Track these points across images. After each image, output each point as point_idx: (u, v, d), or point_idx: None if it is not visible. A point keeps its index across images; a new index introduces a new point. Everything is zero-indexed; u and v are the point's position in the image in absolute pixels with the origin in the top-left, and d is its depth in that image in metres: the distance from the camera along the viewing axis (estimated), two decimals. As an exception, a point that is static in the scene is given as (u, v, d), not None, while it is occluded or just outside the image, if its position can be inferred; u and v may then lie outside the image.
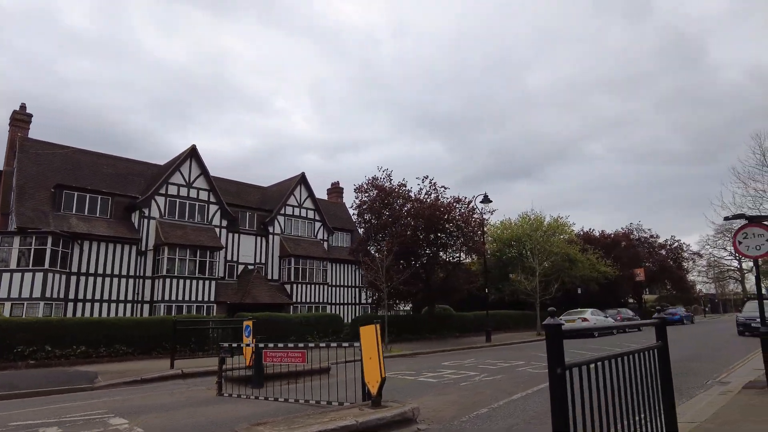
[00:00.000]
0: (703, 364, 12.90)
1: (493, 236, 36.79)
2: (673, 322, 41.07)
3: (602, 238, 44.46)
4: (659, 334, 4.52)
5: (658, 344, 4.46)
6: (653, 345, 4.43)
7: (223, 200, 29.80)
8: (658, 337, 4.52)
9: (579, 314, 26.55)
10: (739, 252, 9.18)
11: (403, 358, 16.89)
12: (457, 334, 26.48)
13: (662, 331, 4.52)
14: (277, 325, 19.74)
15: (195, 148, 29.11)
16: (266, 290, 29.06)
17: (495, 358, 14.95)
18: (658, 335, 4.53)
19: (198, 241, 27.33)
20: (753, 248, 9.06)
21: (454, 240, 24.60)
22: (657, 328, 4.55)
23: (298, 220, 33.47)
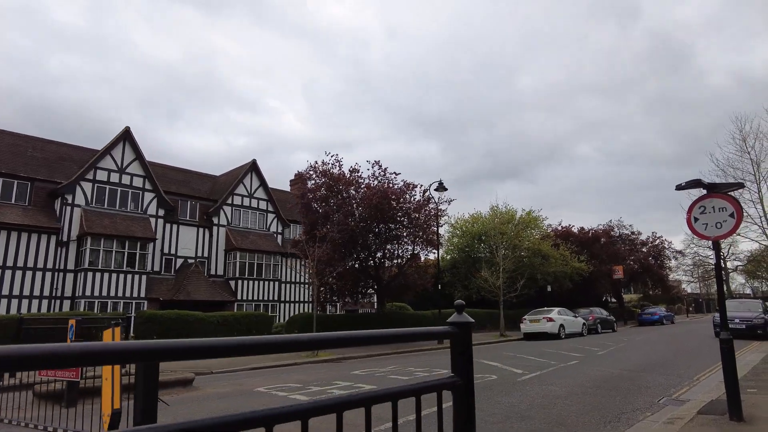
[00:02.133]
0: (661, 375, 10.64)
1: (461, 230, 34.53)
2: (653, 322, 39.12)
3: (580, 233, 42.36)
4: (457, 361, 2.13)
5: (451, 381, 2.10)
6: (440, 381, 2.08)
7: (160, 188, 27.22)
8: (455, 367, 2.14)
9: (544, 314, 24.31)
10: (694, 231, 6.89)
11: (320, 365, 14.49)
12: (411, 335, 24.13)
13: (462, 355, 2.12)
14: (188, 325, 17.27)
15: (129, 130, 26.51)
16: (205, 286, 26.55)
17: (420, 365, 12.61)
18: (454, 364, 2.14)
19: (127, 232, 24.75)
20: (712, 226, 6.76)
21: (406, 231, 22.22)
22: (453, 345, 2.14)
23: (247, 211, 30.93)
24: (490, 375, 10.55)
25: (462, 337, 2.17)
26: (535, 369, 11.50)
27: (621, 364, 12.75)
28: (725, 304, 6.56)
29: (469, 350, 2.18)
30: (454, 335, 2.16)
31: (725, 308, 6.58)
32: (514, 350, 17.28)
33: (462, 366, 2.14)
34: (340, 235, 19.51)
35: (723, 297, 6.54)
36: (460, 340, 2.16)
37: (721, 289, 6.57)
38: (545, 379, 9.89)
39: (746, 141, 21.99)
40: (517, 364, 12.63)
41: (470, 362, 2.17)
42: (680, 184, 6.89)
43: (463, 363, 2.15)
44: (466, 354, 2.16)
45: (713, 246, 6.78)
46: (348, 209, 20.45)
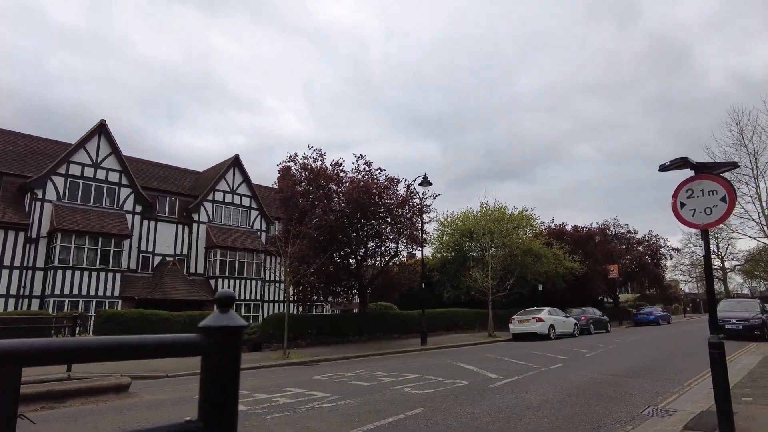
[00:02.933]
0: (649, 381, 9.71)
1: (452, 227, 33.57)
2: (648, 322, 38.19)
3: (575, 232, 41.38)
4: (208, 394, 1.21)
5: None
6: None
7: (137, 183, 26.25)
8: (204, 405, 1.22)
9: (533, 313, 23.39)
10: (680, 218, 5.96)
11: (289, 368, 13.54)
12: (395, 335, 23.19)
13: (219, 382, 1.19)
14: (153, 325, 16.30)
15: (104, 123, 25.53)
16: (182, 285, 25.58)
17: (392, 369, 11.66)
18: (204, 398, 1.21)
19: (101, 228, 23.78)
20: (701, 212, 5.84)
21: (389, 228, 21.26)
22: (205, 367, 1.21)
23: (229, 208, 29.97)
24: (460, 380, 9.61)
25: (220, 354, 1.21)
26: (513, 373, 10.57)
27: (608, 367, 11.83)
28: (716, 303, 5.63)
29: (234, 375, 1.23)
30: (207, 349, 1.20)
31: (715, 306, 5.65)
32: (498, 352, 16.35)
33: (217, 403, 1.19)
34: (318, 232, 18.55)
35: (713, 294, 5.61)
36: (217, 357, 1.20)
37: (711, 285, 5.64)
38: (520, 386, 8.95)
39: (744, 134, 21.12)
40: (496, 367, 11.69)
41: (233, 396, 1.22)
42: (664, 164, 5.96)
43: (218, 398, 1.20)
44: (226, 381, 1.21)
45: (702, 235, 5.84)
46: (328, 204, 19.48)
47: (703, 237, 5.83)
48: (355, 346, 19.56)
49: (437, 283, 32.58)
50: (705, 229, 5.81)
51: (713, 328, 5.67)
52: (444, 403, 7.42)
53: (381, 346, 19.50)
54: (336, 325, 21.37)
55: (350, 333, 21.46)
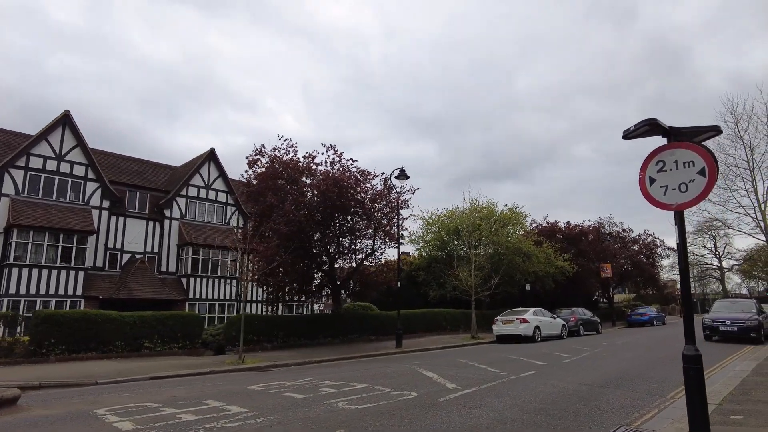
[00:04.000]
0: (628, 392, 8.51)
1: (438, 225, 32.32)
2: (642, 323, 36.96)
3: (567, 229, 40.10)
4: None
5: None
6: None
7: (104, 177, 25.00)
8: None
9: (518, 314, 22.17)
10: (649, 198, 4.77)
11: (236, 374, 12.30)
12: (372, 337, 21.97)
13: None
14: (97, 327, 15.03)
15: (68, 114, 24.26)
16: (150, 284, 24.32)
17: (339, 379, 10.42)
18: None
19: (63, 224, 22.53)
20: (674, 189, 4.63)
21: (363, 224, 20.04)
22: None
23: (204, 204, 28.72)
24: (410, 392, 8.39)
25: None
26: (475, 383, 9.35)
27: (586, 375, 10.61)
28: (691, 302, 4.42)
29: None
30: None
31: (692, 307, 4.44)
32: (472, 356, 15.13)
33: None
34: (287, 227, 17.31)
35: (688, 292, 4.40)
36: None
37: (686, 279, 4.44)
38: (476, 399, 7.74)
39: (739, 124, 19.91)
40: (459, 375, 10.47)
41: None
42: (628, 129, 4.75)
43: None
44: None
45: (675, 219, 4.63)
46: (300, 199, 18.21)
47: (677, 221, 4.61)
48: (325, 349, 18.33)
49: (423, 282, 31.37)
50: (679, 211, 4.60)
51: (689, 335, 4.45)
52: (373, 422, 6.20)
53: (352, 349, 18.27)
54: (308, 327, 20.13)
55: (323, 335, 20.23)
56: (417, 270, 32.14)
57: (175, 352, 16.27)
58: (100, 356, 14.67)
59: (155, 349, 15.84)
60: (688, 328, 4.42)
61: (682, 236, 4.53)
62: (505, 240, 30.31)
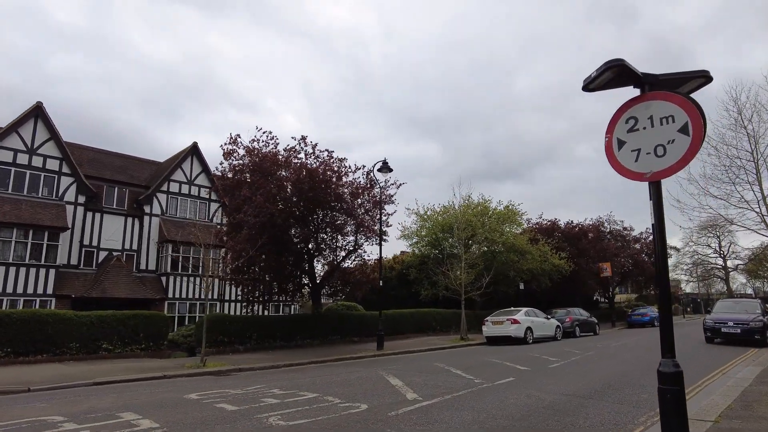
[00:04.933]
0: (613, 404, 7.43)
1: (432, 221, 31.21)
2: (643, 323, 35.72)
3: (567, 228, 38.93)
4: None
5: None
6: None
7: (79, 171, 24.04)
8: None
9: (508, 315, 21.07)
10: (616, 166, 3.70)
11: (191, 379, 11.26)
12: (355, 339, 20.91)
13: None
14: (47, 327, 14.02)
15: (41, 105, 23.32)
16: (126, 282, 23.35)
17: (293, 387, 9.38)
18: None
19: (33, 220, 21.58)
20: (649, 153, 3.55)
21: (343, 219, 18.99)
22: None
23: (186, 200, 27.72)
24: (361, 404, 7.34)
25: None
26: (440, 392, 8.29)
27: (569, 383, 9.53)
28: (670, 299, 3.34)
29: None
30: None
31: (669, 309, 3.36)
32: (452, 360, 14.06)
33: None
34: (255, 219, 16.29)
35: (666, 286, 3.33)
36: None
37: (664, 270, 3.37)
38: (432, 415, 6.67)
39: (742, 113, 18.71)
40: (427, 383, 9.41)
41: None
42: (589, 76, 3.68)
43: None
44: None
45: (651, 192, 3.55)
46: (272, 191, 17.14)
47: (653, 194, 3.53)
48: (301, 351, 17.28)
49: (414, 280, 30.30)
50: (655, 182, 3.52)
51: (667, 345, 3.38)
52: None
53: (330, 351, 17.21)
54: (285, 328, 19.08)
55: (301, 337, 19.18)
56: (409, 268, 31.08)
57: (137, 354, 15.28)
58: (51, 359, 13.69)
59: (114, 351, 14.85)
60: (666, 335, 3.34)
61: (658, 215, 3.45)
62: (500, 238, 29.23)
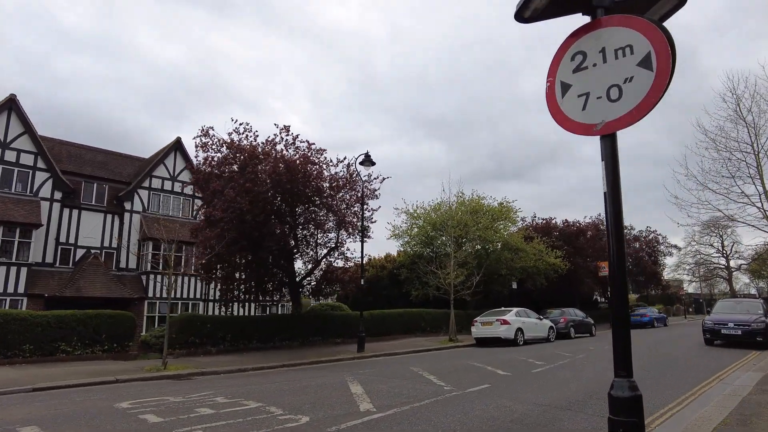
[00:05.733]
0: (588, 417, 6.54)
1: (423, 218, 30.30)
2: (642, 324, 34.66)
3: (565, 227, 37.93)
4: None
5: None
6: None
7: (56, 166, 23.24)
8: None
9: (498, 315, 20.18)
10: (559, 118, 2.78)
11: (146, 383, 10.39)
12: (338, 340, 20.03)
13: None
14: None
15: (14, 98, 22.54)
16: (103, 281, 22.53)
17: (240, 395, 8.50)
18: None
19: (4, 215, 20.80)
20: (600, 98, 2.64)
21: (323, 214, 18.12)
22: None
23: (169, 197, 26.89)
24: (303, 416, 6.45)
25: None
26: (400, 403, 7.40)
27: (549, 391, 8.63)
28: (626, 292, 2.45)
29: None
30: None
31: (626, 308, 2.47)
32: (431, 363, 13.17)
33: None
34: (225, 214, 15.45)
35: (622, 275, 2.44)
36: None
37: (619, 254, 2.49)
38: (381, 431, 5.79)
39: (741, 104, 17.74)
40: (390, 391, 8.52)
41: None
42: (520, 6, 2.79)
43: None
44: None
45: (602, 150, 2.66)
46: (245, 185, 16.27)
47: (606, 153, 2.64)
48: (276, 354, 16.41)
49: (405, 280, 29.40)
50: (608, 136, 2.63)
51: (621, 361, 2.49)
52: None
53: (307, 354, 16.33)
54: (262, 329, 18.21)
55: (279, 338, 18.31)
56: (400, 268, 30.19)
57: (98, 356, 14.44)
58: (1, 362, 12.85)
59: (74, 353, 14.01)
60: (621, 346, 2.45)
61: (613, 181, 2.57)
62: (494, 236, 28.34)
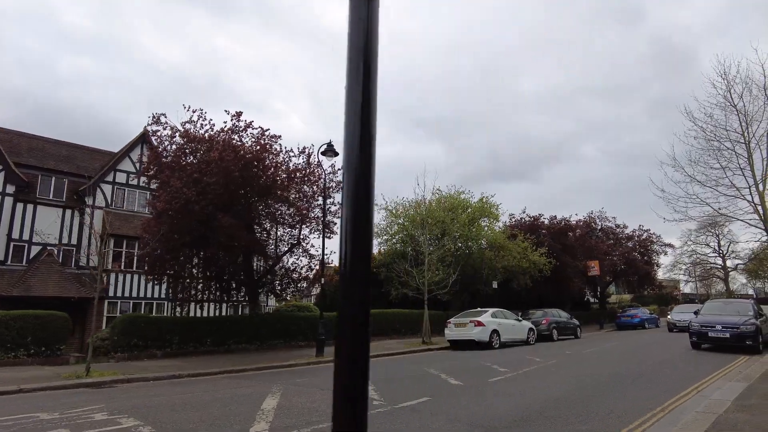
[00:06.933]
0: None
1: (403, 216, 29.09)
2: (633, 325, 33.40)
3: (552, 224, 36.57)
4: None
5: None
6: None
7: (8, 159, 22.00)
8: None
9: (473, 316, 18.98)
10: None
11: (49, 393, 9.15)
12: (301, 343, 18.79)
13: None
14: None
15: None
16: (57, 280, 21.29)
17: (121, 411, 7.28)
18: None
19: (-52, 210, 19.53)
20: None
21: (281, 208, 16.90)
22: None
23: (134, 191, 25.64)
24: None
25: None
26: (305, 423, 6.20)
27: (493, 407, 7.42)
28: (367, 280, 1.20)
29: None
30: None
31: (362, 309, 1.22)
32: (387, 369, 11.98)
33: None
34: (169, 206, 14.23)
35: (365, 255, 1.16)
36: None
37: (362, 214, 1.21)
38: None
39: (732, 90, 16.58)
40: (306, 406, 7.31)
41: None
42: None
43: None
44: None
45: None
46: (192, 175, 15.03)
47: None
48: (226, 358, 15.17)
49: (385, 280, 28.16)
50: None
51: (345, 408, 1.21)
52: None
53: (259, 358, 15.08)
54: (216, 331, 16.96)
55: (236, 341, 17.06)
56: (379, 267, 28.95)
57: (22, 360, 13.21)
58: None
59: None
60: (347, 373, 1.21)
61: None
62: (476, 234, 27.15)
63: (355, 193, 1.22)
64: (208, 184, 14.91)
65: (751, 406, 7.14)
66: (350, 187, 1.23)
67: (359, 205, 1.22)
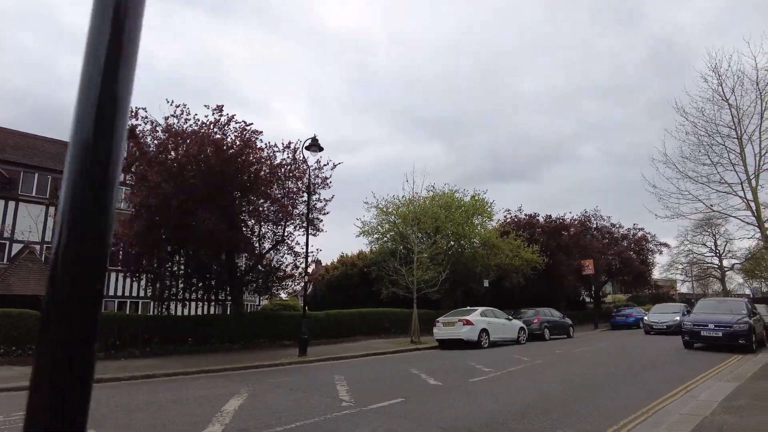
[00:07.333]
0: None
1: (395, 214, 28.69)
2: (628, 325, 32.99)
3: (547, 223, 36.24)
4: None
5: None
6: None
7: (-10, 154, 21.58)
8: None
9: (462, 315, 18.63)
10: None
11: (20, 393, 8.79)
12: (286, 342, 18.39)
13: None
14: None
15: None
16: (38, 278, 20.84)
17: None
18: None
19: (-74, 207, 19.11)
20: None
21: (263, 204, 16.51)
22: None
23: (121, 188, 25.17)
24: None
25: None
26: (257, 426, 5.81)
27: (471, 409, 7.05)
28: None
29: None
30: None
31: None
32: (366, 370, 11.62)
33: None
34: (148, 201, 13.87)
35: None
36: None
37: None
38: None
39: (723, 84, 16.25)
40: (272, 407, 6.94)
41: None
42: None
43: None
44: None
45: None
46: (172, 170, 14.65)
47: None
48: (207, 358, 14.76)
49: (376, 278, 27.77)
50: None
51: None
52: None
53: (242, 358, 14.67)
54: (199, 330, 16.57)
55: (220, 340, 16.67)
56: (371, 266, 28.56)
57: (-8, 361, 12.82)
58: None
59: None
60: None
61: None
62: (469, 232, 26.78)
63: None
64: (186, 179, 14.54)
65: (740, 407, 6.78)
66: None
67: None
